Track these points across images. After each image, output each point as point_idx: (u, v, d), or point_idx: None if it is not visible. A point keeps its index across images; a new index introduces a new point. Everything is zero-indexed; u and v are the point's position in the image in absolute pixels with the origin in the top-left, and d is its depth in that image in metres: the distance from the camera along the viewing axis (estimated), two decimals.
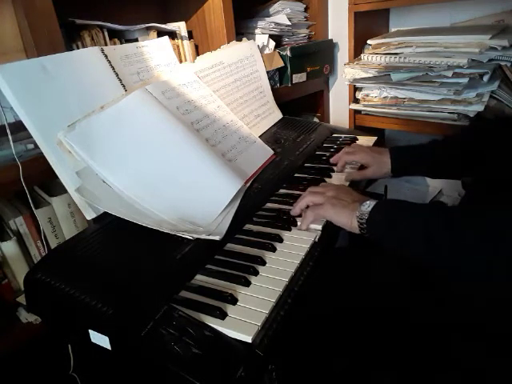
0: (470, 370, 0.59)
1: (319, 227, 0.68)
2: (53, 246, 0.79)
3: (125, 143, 0.71)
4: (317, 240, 0.66)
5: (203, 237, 0.63)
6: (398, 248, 0.60)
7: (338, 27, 1.39)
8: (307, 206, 0.70)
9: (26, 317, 0.75)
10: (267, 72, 1.15)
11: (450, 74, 1.02)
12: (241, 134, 0.91)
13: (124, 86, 0.82)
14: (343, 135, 1.10)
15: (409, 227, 0.57)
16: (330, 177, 0.88)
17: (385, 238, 0.61)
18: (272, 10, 1.27)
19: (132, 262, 0.58)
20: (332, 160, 0.91)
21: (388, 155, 0.84)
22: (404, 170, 0.85)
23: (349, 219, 0.63)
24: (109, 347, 0.50)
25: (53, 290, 0.55)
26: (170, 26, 1.05)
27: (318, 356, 0.68)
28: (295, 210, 0.72)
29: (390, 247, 0.62)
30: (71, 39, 0.86)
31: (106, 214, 0.67)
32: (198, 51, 1.16)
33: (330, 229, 0.69)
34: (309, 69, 1.31)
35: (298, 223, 0.70)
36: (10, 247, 0.74)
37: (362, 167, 0.88)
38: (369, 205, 0.62)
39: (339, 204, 0.65)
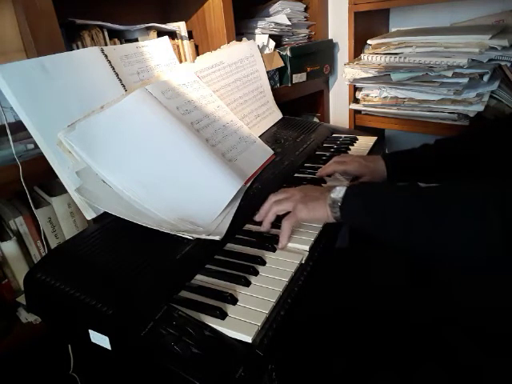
0: (469, 371, 0.59)
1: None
2: (53, 246, 0.79)
3: (125, 143, 0.71)
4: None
5: (203, 237, 0.63)
6: (375, 233, 0.58)
7: (338, 27, 1.39)
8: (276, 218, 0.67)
9: (26, 317, 0.75)
10: (267, 72, 1.15)
11: (450, 73, 1.02)
12: (241, 133, 0.91)
13: (124, 86, 0.82)
14: (343, 135, 1.10)
15: (385, 212, 0.55)
16: (330, 176, 0.87)
17: (361, 224, 0.59)
18: (272, 10, 1.27)
19: (132, 262, 0.58)
20: (319, 172, 0.85)
21: (382, 162, 0.81)
22: (400, 175, 0.82)
23: (324, 210, 0.61)
24: (109, 347, 0.50)
25: (53, 290, 0.55)
26: (170, 26, 1.05)
27: (318, 356, 0.68)
28: (265, 225, 0.68)
29: (367, 232, 0.60)
30: (71, 39, 0.86)
31: (105, 213, 0.67)
32: (198, 51, 1.16)
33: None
34: (309, 69, 1.31)
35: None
36: (10, 247, 0.74)
37: (356, 177, 0.84)
38: (339, 191, 0.60)
39: (310, 200, 0.63)
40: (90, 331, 0.51)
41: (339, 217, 0.60)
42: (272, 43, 1.22)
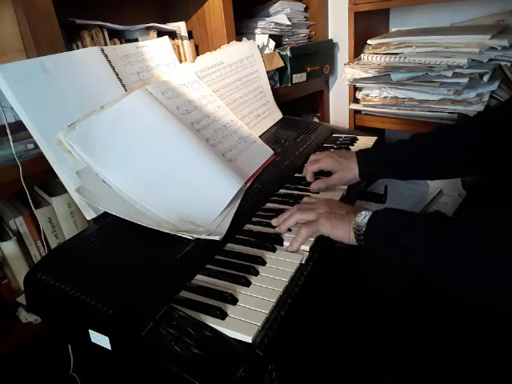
0: (469, 371, 0.59)
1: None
2: (53, 246, 0.79)
3: (125, 143, 0.71)
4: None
5: (203, 237, 0.63)
6: (399, 260, 0.59)
7: (338, 27, 1.39)
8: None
9: (26, 317, 0.75)
10: (267, 72, 1.15)
11: (450, 73, 1.02)
12: (241, 133, 0.91)
13: (124, 86, 0.82)
14: (343, 135, 1.10)
15: (409, 241, 0.56)
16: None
17: (384, 250, 0.59)
18: (272, 10, 1.27)
19: (132, 262, 0.58)
20: (306, 177, 0.85)
21: (355, 159, 0.81)
22: (371, 173, 0.83)
23: (347, 232, 0.61)
24: (109, 347, 0.50)
25: (53, 290, 0.55)
26: (170, 26, 1.05)
27: (318, 356, 0.68)
28: (282, 228, 0.67)
29: (389, 258, 0.61)
30: (71, 39, 0.86)
31: (106, 214, 0.67)
32: (198, 51, 1.16)
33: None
34: (309, 69, 1.31)
35: (285, 243, 0.65)
36: (10, 247, 0.74)
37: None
38: (364, 215, 0.60)
39: (334, 217, 0.63)
40: (90, 331, 0.51)
41: (362, 242, 0.60)
42: (272, 43, 1.22)
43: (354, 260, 0.85)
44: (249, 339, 0.47)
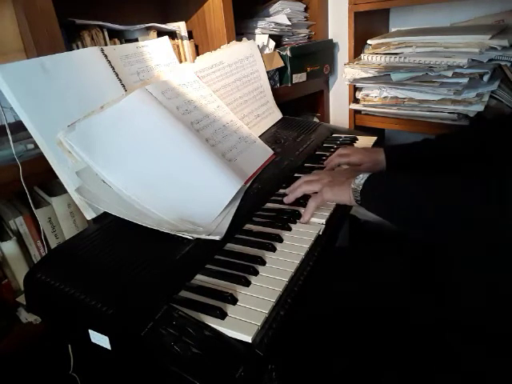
0: (469, 371, 0.58)
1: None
2: (53, 246, 0.79)
3: (125, 143, 0.71)
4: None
5: (203, 237, 0.63)
6: (387, 217, 0.64)
7: (338, 27, 1.39)
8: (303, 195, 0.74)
9: (26, 317, 0.75)
10: (267, 72, 1.15)
11: (449, 74, 1.02)
12: (241, 133, 0.91)
13: (124, 86, 0.82)
14: (343, 135, 1.10)
15: (396, 195, 0.61)
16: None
17: (376, 208, 0.65)
18: (272, 10, 1.27)
19: (132, 261, 0.58)
20: (325, 163, 0.90)
21: (383, 154, 0.86)
22: (398, 167, 0.86)
23: (347, 194, 0.67)
24: (109, 347, 0.50)
25: (53, 290, 0.55)
26: (170, 26, 1.05)
27: (318, 356, 0.68)
28: (290, 198, 0.74)
29: (382, 216, 0.65)
30: (71, 39, 0.86)
31: (105, 213, 0.67)
32: (197, 51, 1.16)
33: (333, 222, 0.70)
34: (309, 69, 1.31)
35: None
36: (10, 247, 0.74)
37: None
38: (362, 177, 0.65)
39: (336, 183, 0.69)
40: (90, 331, 0.51)
41: (359, 202, 0.66)
42: (272, 43, 1.22)
43: (353, 260, 0.85)
44: (248, 339, 0.47)
